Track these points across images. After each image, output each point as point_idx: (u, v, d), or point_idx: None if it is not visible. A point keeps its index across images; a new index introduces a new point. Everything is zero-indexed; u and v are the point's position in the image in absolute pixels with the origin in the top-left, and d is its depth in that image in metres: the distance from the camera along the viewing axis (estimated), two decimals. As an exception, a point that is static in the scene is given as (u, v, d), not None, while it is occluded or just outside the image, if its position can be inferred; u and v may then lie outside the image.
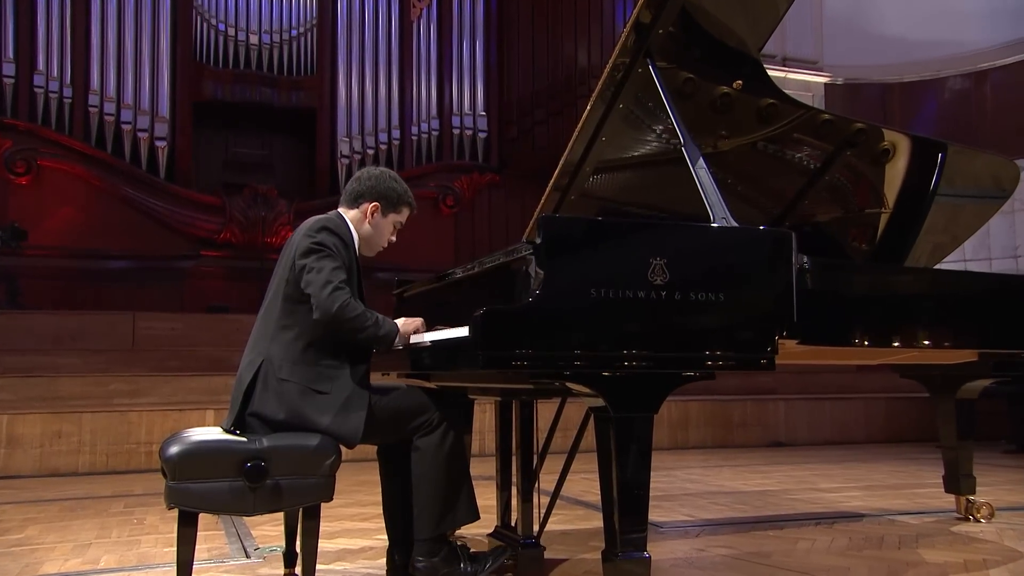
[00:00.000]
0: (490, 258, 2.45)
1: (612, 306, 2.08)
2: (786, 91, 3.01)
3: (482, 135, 11.47)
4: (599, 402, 2.14)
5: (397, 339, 2.41)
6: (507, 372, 2.10)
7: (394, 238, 2.65)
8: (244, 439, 2.24)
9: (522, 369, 2.04)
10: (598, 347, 2.08)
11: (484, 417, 5.55)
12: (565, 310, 2.06)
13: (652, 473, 2.15)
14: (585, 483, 4.63)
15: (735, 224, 2.41)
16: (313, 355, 2.35)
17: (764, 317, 2.28)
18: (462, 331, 2.14)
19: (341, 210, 2.57)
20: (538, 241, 2.09)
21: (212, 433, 2.30)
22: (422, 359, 2.44)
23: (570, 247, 2.10)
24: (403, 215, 2.63)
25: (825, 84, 10.18)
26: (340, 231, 2.44)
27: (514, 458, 2.89)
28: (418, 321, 2.53)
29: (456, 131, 11.39)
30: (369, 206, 2.55)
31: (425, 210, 11.05)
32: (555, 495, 2.83)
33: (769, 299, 2.30)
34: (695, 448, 7.19)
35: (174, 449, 2.17)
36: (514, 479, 2.89)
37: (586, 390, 2.13)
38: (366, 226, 2.56)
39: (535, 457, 2.86)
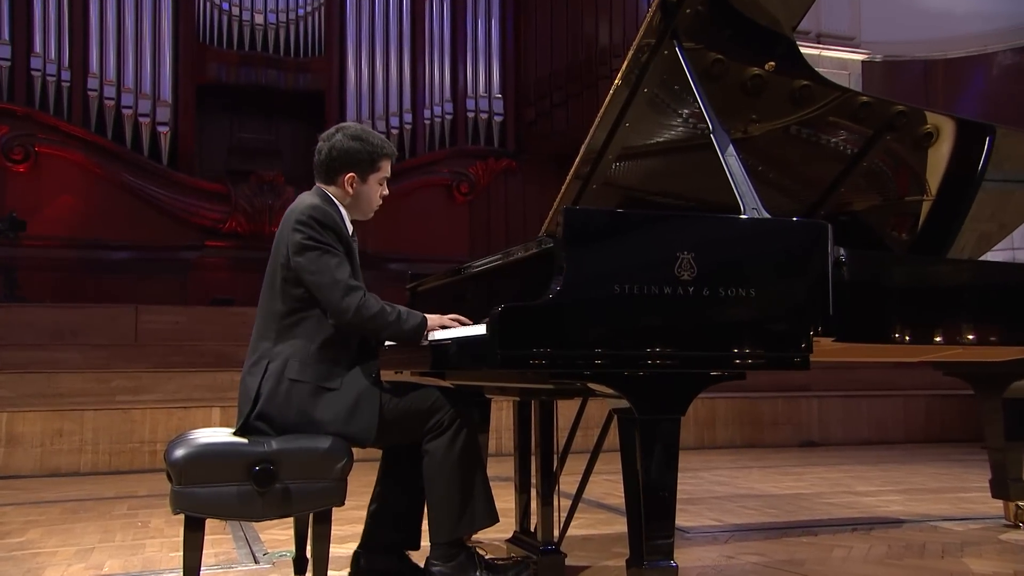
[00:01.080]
0: (508, 251, 2.45)
1: (637, 302, 2.08)
2: (821, 70, 2.97)
3: (498, 119, 11.45)
4: (623, 403, 2.14)
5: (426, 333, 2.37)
6: (526, 372, 2.10)
7: (386, 191, 2.60)
8: (252, 441, 2.25)
9: (541, 369, 2.04)
10: (622, 346, 2.07)
11: (501, 415, 5.57)
12: (587, 307, 2.05)
13: (678, 475, 2.15)
14: (608, 484, 4.63)
15: (767, 215, 2.39)
16: (322, 352, 2.36)
17: (798, 313, 2.27)
18: (479, 329, 2.14)
19: (321, 186, 2.53)
20: (559, 234, 2.08)
21: (219, 435, 2.32)
22: (436, 357, 2.45)
23: (593, 240, 2.09)
24: (384, 169, 2.55)
25: (863, 62, 10.06)
26: (327, 218, 2.39)
27: (533, 458, 2.90)
28: (448, 319, 2.47)
29: (471, 114, 11.38)
30: (345, 178, 2.49)
31: (439, 198, 11.08)
32: (577, 498, 2.84)
33: (803, 294, 2.29)
34: (723, 448, 7.17)
35: (179, 452, 2.18)
36: (533, 481, 2.90)
37: (609, 391, 2.12)
38: (349, 199, 2.52)
39: (555, 457, 2.86)
